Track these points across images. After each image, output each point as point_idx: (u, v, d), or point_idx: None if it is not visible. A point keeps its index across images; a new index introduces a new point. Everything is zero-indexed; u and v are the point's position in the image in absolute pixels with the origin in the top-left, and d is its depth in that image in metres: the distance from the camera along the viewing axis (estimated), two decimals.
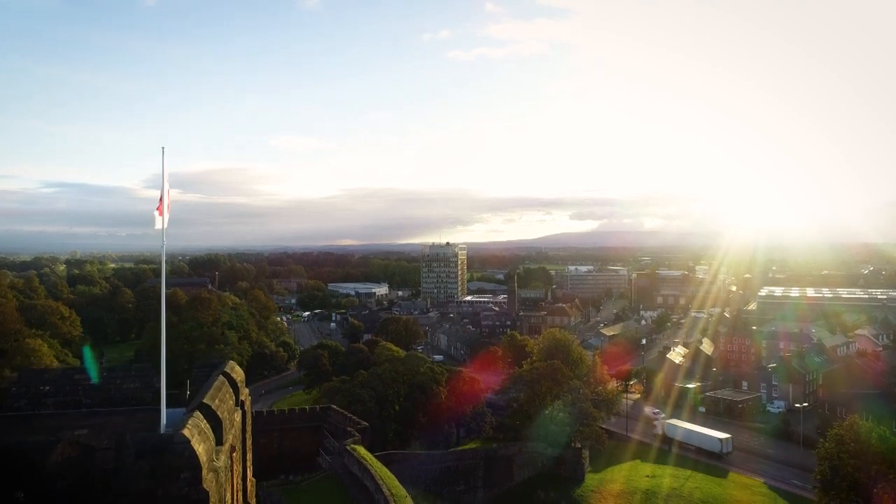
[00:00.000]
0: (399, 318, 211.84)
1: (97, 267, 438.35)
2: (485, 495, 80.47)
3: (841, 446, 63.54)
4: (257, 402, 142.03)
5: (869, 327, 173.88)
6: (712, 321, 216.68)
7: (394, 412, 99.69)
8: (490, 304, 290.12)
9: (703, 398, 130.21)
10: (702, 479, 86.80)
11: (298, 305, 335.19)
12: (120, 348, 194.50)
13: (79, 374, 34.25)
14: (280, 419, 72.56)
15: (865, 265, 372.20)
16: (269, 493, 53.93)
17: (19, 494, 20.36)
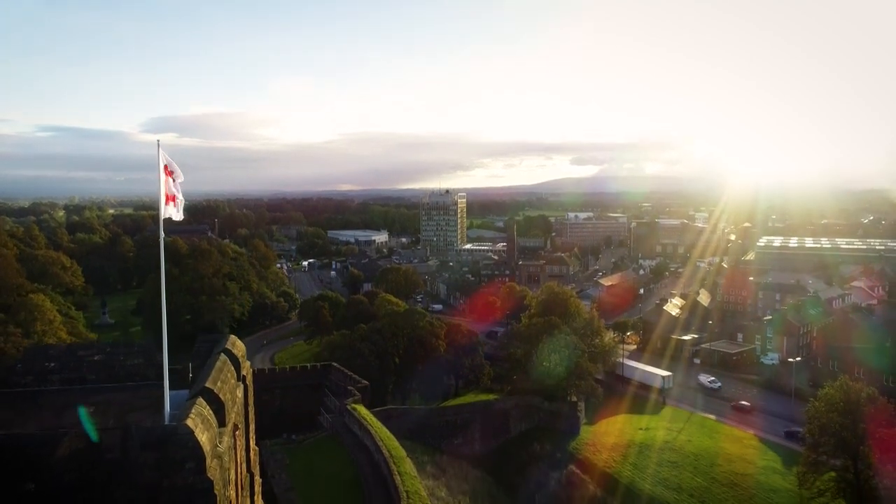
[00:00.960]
0: (399, 267, 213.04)
1: (96, 213, 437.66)
2: (482, 448, 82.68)
3: (830, 405, 64.96)
4: (259, 352, 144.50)
5: (865, 279, 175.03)
6: (711, 271, 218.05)
7: (393, 365, 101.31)
8: (489, 253, 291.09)
9: (697, 350, 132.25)
10: (694, 432, 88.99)
11: (298, 253, 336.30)
12: (122, 297, 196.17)
13: (83, 351, 34.82)
14: (282, 377, 73.88)
15: (866, 214, 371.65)
16: (273, 452, 55.47)
17: (30, 486, 20.96)
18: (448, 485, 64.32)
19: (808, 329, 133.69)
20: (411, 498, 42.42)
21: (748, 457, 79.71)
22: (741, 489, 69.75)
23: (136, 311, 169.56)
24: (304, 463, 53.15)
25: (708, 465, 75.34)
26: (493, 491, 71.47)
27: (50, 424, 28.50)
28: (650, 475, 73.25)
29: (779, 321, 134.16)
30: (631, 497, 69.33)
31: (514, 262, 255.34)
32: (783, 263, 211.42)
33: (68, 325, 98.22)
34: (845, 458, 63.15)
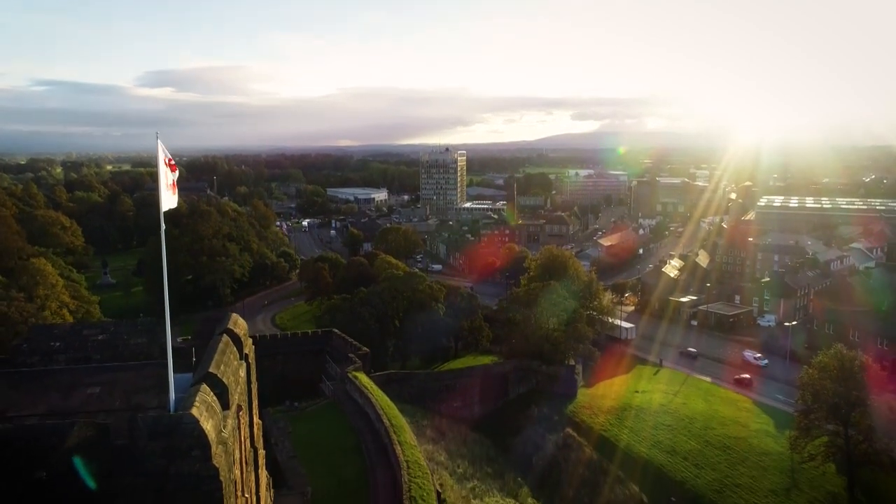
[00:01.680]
0: (398, 227, 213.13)
1: (94, 170, 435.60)
2: (481, 410, 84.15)
3: (824, 373, 66.00)
4: (260, 313, 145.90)
5: (865, 240, 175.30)
6: (710, 232, 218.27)
7: (393, 328, 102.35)
8: (489, 212, 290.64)
9: (695, 312, 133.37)
10: (690, 395, 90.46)
11: (298, 211, 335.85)
12: (123, 257, 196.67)
13: (88, 330, 35.27)
14: (284, 343, 74.86)
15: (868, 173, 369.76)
16: (276, 419, 56.57)
17: (41, 474, 21.58)
18: (447, 448, 65.76)
19: (805, 291, 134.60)
20: (412, 468, 43.50)
21: (742, 420, 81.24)
22: (734, 452, 71.30)
23: (138, 272, 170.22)
24: (307, 430, 54.30)
25: (702, 429, 76.82)
26: (491, 454, 73.03)
27: (58, 406, 29.14)
28: (646, 438, 74.78)
29: (776, 283, 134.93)
30: (627, 460, 70.89)
31: (514, 221, 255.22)
32: (783, 223, 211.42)
33: (70, 289, 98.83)
34: (837, 423, 64.42)
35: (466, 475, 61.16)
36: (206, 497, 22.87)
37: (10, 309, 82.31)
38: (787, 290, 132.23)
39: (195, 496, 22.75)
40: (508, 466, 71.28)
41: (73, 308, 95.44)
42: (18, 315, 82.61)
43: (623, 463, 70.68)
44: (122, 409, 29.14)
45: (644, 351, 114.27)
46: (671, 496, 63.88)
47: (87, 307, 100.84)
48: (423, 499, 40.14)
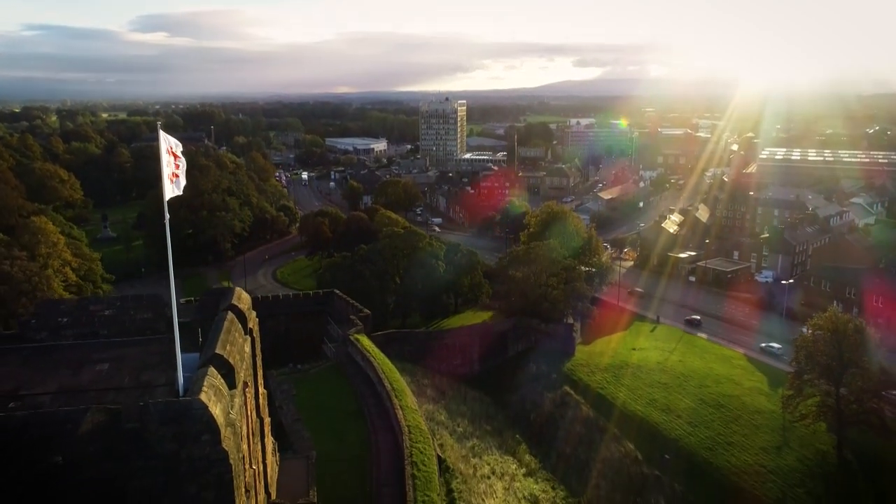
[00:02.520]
0: (398, 181, 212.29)
1: (90, 119, 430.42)
2: (480, 368, 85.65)
3: (818, 335, 67.04)
4: (261, 268, 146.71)
5: (865, 195, 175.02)
6: (711, 185, 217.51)
7: (394, 285, 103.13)
8: (489, 164, 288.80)
9: (693, 268, 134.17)
10: (686, 353, 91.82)
11: (296, 162, 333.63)
12: (122, 210, 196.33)
13: (94, 305, 35.79)
14: (285, 303, 75.67)
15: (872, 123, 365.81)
16: (280, 382, 57.77)
17: (57, 458, 22.37)
18: (447, 407, 67.29)
19: (804, 248, 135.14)
20: (413, 433, 44.70)
21: (736, 377, 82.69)
22: (727, 410, 72.86)
23: (138, 225, 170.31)
24: (310, 393, 55.51)
25: (697, 387, 78.29)
26: (490, 411, 74.76)
27: (68, 383, 29.95)
28: (641, 396, 76.26)
29: (775, 239, 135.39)
30: (622, 418, 72.48)
31: (514, 173, 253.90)
32: (785, 177, 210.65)
33: (72, 247, 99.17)
34: (829, 384, 65.73)
35: (466, 434, 62.77)
36: (217, 479, 23.88)
37: (13, 268, 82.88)
38: (785, 247, 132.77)
39: (206, 479, 23.74)
40: (507, 424, 73.09)
41: (75, 266, 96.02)
42: (21, 274, 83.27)
43: (619, 421, 72.28)
44: (131, 386, 30.00)
45: (642, 307, 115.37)
46: (665, 454, 65.60)
47: (88, 264, 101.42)
48: (425, 464, 41.41)
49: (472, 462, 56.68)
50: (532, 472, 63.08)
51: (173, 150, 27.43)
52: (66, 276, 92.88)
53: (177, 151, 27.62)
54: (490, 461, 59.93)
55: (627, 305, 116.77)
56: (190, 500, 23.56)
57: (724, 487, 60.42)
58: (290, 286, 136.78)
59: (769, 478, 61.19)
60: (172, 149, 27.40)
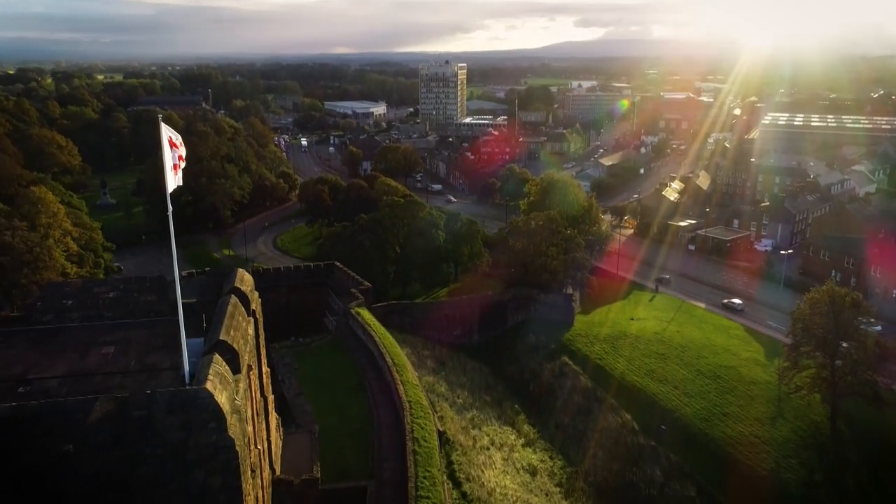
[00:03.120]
0: (398, 146, 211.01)
1: (85, 81, 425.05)
2: (480, 338, 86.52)
3: (814, 308, 67.60)
4: (261, 235, 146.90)
5: (867, 162, 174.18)
6: (713, 151, 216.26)
7: (394, 254, 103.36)
8: (490, 128, 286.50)
9: (693, 237, 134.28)
10: (684, 323, 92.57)
11: (295, 126, 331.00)
12: (121, 176, 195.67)
13: (98, 287, 36.12)
14: (286, 275, 76.08)
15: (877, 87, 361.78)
16: (282, 355, 58.50)
17: (68, 447, 22.92)
18: (447, 379, 68.22)
19: (804, 216, 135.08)
20: (414, 408, 45.50)
21: (733, 348, 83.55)
22: (723, 381, 73.86)
23: (137, 192, 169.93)
24: (312, 367, 56.28)
25: (694, 357, 79.19)
26: (489, 382, 75.79)
27: (76, 367, 30.44)
28: (639, 367, 77.23)
29: (775, 208, 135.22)
30: (620, 389, 73.52)
31: (514, 139, 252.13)
32: (787, 143, 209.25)
33: (72, 217, 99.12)
34: (824, 356, 66.54)
35: (466, 405, 63.78)
36: (224, 466, 24.51)
37: (14, 239, 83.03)
38: (785, 216, 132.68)
39: (213, 465, 24.37)
40: (506, 394, 74.17)
41: (76, 236, 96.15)
42: (23, 245, 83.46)
43: (616, 391, 73.34)
44: (137, 370, 30.50)
45: (642, 276, 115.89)
46: (661, 424, 66.78)
47: (89, 234, 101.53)
48: (426, 440, 42.26)
49: (471, 433, 57.74)
50: (531, 443, 64.33)
51: (174, 140, 27.44)
52: (67, 247, 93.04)
53: (177, 141, 27.66)
54: (489, 432, 61.04)
55: (627, 274, 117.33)
56: (197, 486, 24.21)
57: (719, 458, 61.67)
58: (290, 254, 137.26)
59: (763, 448, 62.43)
60: (173, 139, 27.40)
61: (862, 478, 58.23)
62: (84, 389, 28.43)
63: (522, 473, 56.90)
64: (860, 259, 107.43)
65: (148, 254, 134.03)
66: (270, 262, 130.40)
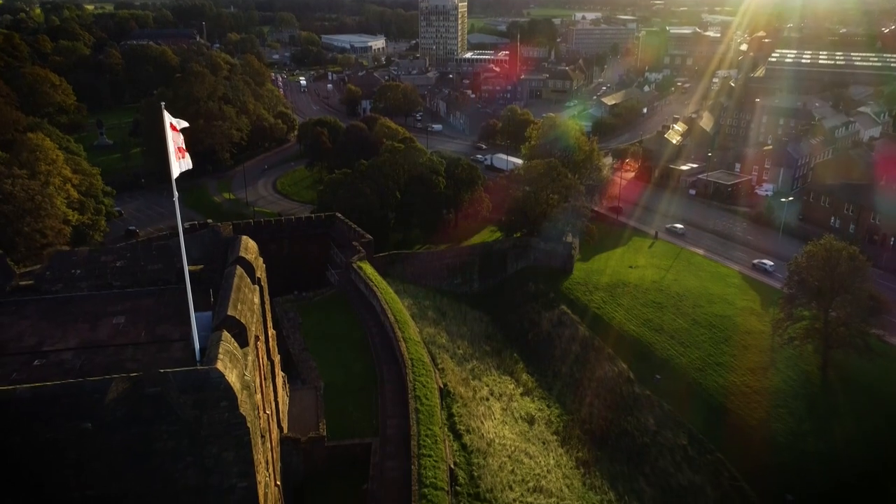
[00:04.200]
0: (397, 85, 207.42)
1: (76, 13, 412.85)
2: (480, 287, 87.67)
3: (811, 261, 68.33)
4: (261, 178, 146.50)
5: (873, 104, 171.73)
6: (717, 90, 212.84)
7: (394, 201, 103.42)
8: (491, 64, 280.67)
9: (694, 181, 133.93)
10: (681, 271, 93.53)
11: (292, 62, 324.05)
12: (116, 114, 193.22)
13: (105, 256, 36.58)
14: (288, 227, 76.35)
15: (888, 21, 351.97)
16: (286, 310, 59.53)
17: (87, 425, 23.95)
18: (448, 329, 69.53)
19: (806, 161, 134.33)
20: (416, 366, 46.77)
21: (729, 297, 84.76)
22: (718, 331, 75.38)
23: (134, 132, 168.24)
24: (315, 322, 57.38)
25: (690, 307, 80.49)
26: (489, 331, 77.30)
27: (88, 339, 31.31)
28: (636, 317, 78.67)
29: (778, 152, 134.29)
30: (617, 338, 75.06)
31: (516, 76, 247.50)
32: (794, 82, 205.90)
33: (71, 163, 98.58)
34: (818, 308, 67.72)
35: (466, 356, 65.30)
36: (236, 441, 25.67)
37: (15, 188, 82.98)
38: (787, 160, 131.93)
39: (226, 441, 25.53)
40: (505, 343, 75.75)
41: (76, 182, 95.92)
42: (24, 193, 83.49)
43: (613, 340, 74.93)
44: (148, 341, 31.38)
45: (642, 222, 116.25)
46: (656, 374, 68.62)
47: (89, 180, 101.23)
48: (427, 398, 43.66)
49: (471, 384, 59.39)
50: (529, 392, 66.18)
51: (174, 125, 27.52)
52: (68, 194, 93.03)
53: (178, 126, 27.79)
54: (489, 382, 62.75)
55: (626, 220, 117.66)
56: (212, 458, 25.40)
57: (712, 408, 63.68)
58: (290, 197, 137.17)
59: (754, 398, 64.36)
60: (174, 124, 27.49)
61: (848, 427, 60.21)
62: (98, 362, 29.40)
63: (521, 423, 58.84)
64: (860, 206, 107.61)
65: (147, 197, 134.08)
66: (271, 206, 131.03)
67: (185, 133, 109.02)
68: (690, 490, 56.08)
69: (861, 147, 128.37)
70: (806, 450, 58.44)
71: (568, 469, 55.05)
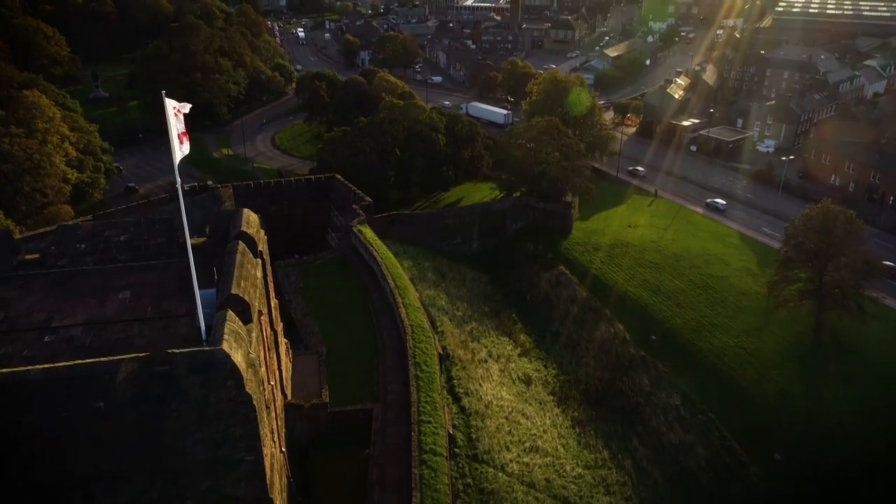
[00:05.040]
0: (396, 35, 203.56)
1: None
2: (480, 246, 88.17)
3: (809, 224, 68.79)
4: (259, 133, 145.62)
5: (879, 56, 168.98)
6: (722, 41, 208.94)
7: (394, 158, 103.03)
8: (491, 14, 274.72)
9: (695, 137, 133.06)
10: (680, 230, 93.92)
11: (288, 9, 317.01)
12: (112, 66, 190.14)
13: (109, 231, 37.04)
14: (288, 188, 76.50)
15: None
16: (287, 273, 60.27)
17: (100, 404, 24.89)
18: (447, 291, 70.46)
19: (809, 117, 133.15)
20: (416, 332, 47.80)
21: (726, 257, 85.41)
22: (714, 292, 76.31)
23: (129, 84, 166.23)
24: (316, 286, 58.19)
25: (688, 268, 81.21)
26: (488, 291, 78.28)
27: (95, 314, 32.10)
28: (634, 277, 79.47)
29: (780, 108, 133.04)
30: (614, 298, 76.00)
31: (517, 26, 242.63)
32: (800, 33, 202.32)
33: (68, 120, 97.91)
34: (813, 270, 68.53)
35: (465, 318, 66.42)
36: (243, 418, 26.72)
37: (14, 147, 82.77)
38: (790, 116, 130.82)
39: (232, 418, 26.57)
40: (504, 304, 76.86)
41: (74, 140, 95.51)
42: (22, 152, 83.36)
43: (610, 301, 76.01)
44: (154, 317, 32.19)
45: (643, 179, 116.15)
46: (652, 335, 69.88)
47: (87, 137, 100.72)
48: (427, 364, 44.81)
49: (470, 347, 60.64)
50: (526, 352, 67.59)
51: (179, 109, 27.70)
52: (66, 152, 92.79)
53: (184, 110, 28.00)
54: (487, 344, 64.02)
55: (626, 178, 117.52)
56: (220, 434, 26.44)
57: (705, 369, 65.12)
58: (289, 153, 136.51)
59: (747, 359, 65.75)
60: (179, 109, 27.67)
61: (838, 390, 61.72)
62: (106, 338, 30.27)
63: (518, 383, 60.35)
64: (860, 164, 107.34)
65: (146, 153, 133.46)
66: (270, 162, 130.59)
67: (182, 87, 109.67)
68: (682, 449, 57.98)
69: (864, 104, 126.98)
70: (795, 411, 60.05)
71: (563, 429, 56.79)
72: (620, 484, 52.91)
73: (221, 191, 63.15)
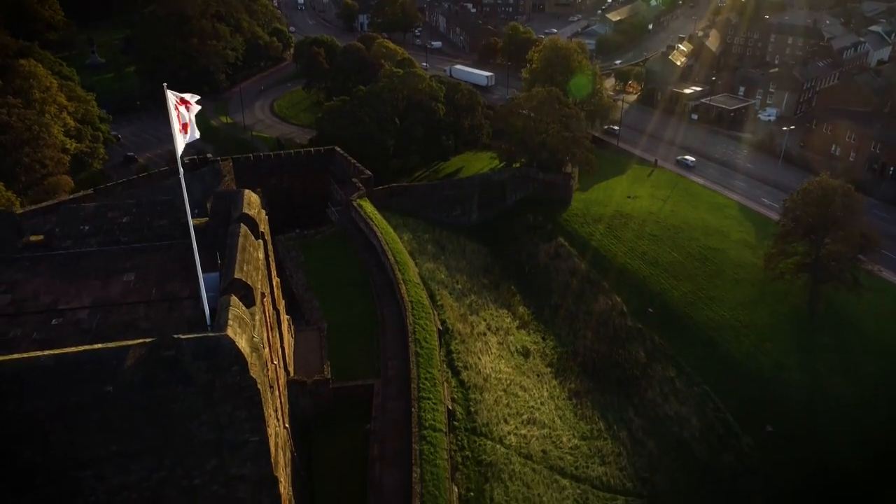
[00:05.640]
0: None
1: None
2: (479, 217, 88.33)
3: (807, 197, 69.01)
4: (258, 100, 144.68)
5: (884, 21, 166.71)
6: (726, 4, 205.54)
7: (394, 128, 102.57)
8: None
9: (696, 105, 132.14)
10: (679, 201, 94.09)
11: None
12: (107, 31, 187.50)
13: (112, 212, 37.33)
14: (287, 161, 76.36)
15: None
16: (288, 248, 60.72)
17: (108, 388, 25.60)
18: (447, 264, 70.90)
19: (812, 85, 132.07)
20: (415, 308, 48.50)
21: (725, 229, 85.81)
22: (711, 264, 76.83)
23: (125, 50, 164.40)
24: (317, 261, 58.71)
25: (686, 240, 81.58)
26: (487, 263, 78.71)
27: (101, 297, 32.66)
28: (632, 249, 79.86)
29: (783, 76, 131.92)
30: (612, 271, 76.49)
31: None
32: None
33: (65, 90, 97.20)
34: (810, 243, 68.97)
35: (465, 291, 67.06)
36: (248, 401, 27.50)
37: (12, 118, 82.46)
38: (792, 84, 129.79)
39: (238, 401, 27.31)
40: (503, 276, 77.40)
41: (71, 110, 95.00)
42: (21, 123, 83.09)
43: (608, 273, 76.54)
44: (159, 299, 32.74)
45: (643, 149, 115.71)
46: (649, 307, 70.65)
47: (85, 107, 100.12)
48: (427, 340, 45.60)
49: (469, 320, 61.42)
50: (525, 325, 68.41)
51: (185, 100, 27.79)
52: (64, 122, 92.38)
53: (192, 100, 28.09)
54: (486, 317, 64.82)
55: (626, 146, 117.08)
56: (225, 416, 27.19)
57: (701, 341, 66.04)
58: (289, 121, 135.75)
59: (743, 332, 66.64)
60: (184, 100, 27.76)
61: (832, 362, 62.76)
62: (112, 321, 30.84)
63: (516, 356, 61.32)
64: (861, 134, 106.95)
65: (144, 121, 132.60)
66: (269, 130, 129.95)
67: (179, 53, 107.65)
68: (676, 420, 59.19)
69: (868, 72, 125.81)
70: (789, 383, 61.16)
71: (560, 400, 57.93)
72: (615, 454, 54.25)
73: (221, 164, 63.17)
